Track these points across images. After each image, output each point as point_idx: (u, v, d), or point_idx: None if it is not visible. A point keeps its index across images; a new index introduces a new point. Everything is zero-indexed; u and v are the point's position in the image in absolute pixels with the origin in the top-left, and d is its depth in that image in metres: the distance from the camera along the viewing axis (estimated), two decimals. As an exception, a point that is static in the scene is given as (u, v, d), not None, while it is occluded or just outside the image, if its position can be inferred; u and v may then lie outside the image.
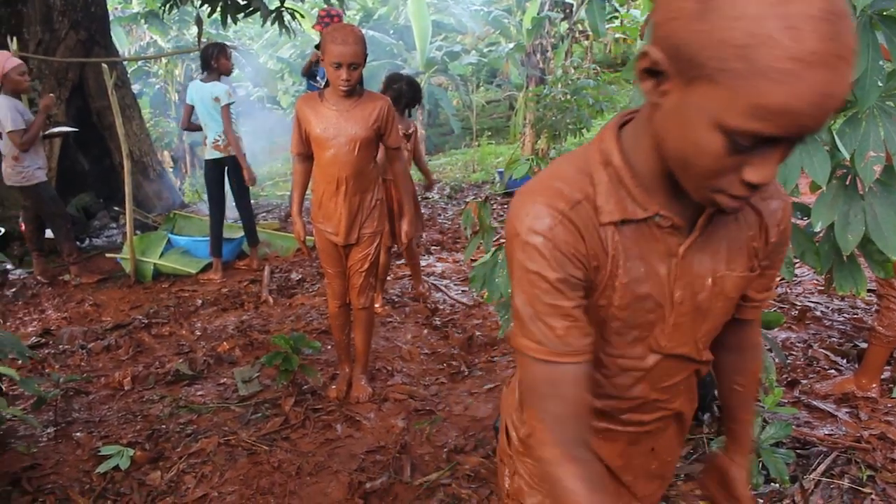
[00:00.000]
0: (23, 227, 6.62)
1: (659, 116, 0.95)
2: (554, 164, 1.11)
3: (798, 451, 2.92)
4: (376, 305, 5.08)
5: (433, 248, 6.79)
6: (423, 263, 6.10)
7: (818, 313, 4.35)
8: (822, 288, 4.72)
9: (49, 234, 6.53)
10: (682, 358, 1.18)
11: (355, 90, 3.31)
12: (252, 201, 6.77)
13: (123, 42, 16.43)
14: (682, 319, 1.14)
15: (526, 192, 1.06)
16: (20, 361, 4.29)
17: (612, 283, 1.08)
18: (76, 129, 6.81)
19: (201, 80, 6.06)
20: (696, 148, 0.90)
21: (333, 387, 3.88)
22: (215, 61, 5.99)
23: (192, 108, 6.10)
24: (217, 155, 6.07)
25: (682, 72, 0.86)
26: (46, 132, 6.27)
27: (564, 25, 13.76)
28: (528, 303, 1.04)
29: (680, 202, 1.06)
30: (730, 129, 0.84)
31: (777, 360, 2.82)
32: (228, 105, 5.99)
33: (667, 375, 1.20)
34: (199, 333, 4.99)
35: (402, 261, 6.17)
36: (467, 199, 9.22)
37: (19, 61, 5.80)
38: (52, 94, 5.97)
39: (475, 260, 4.41)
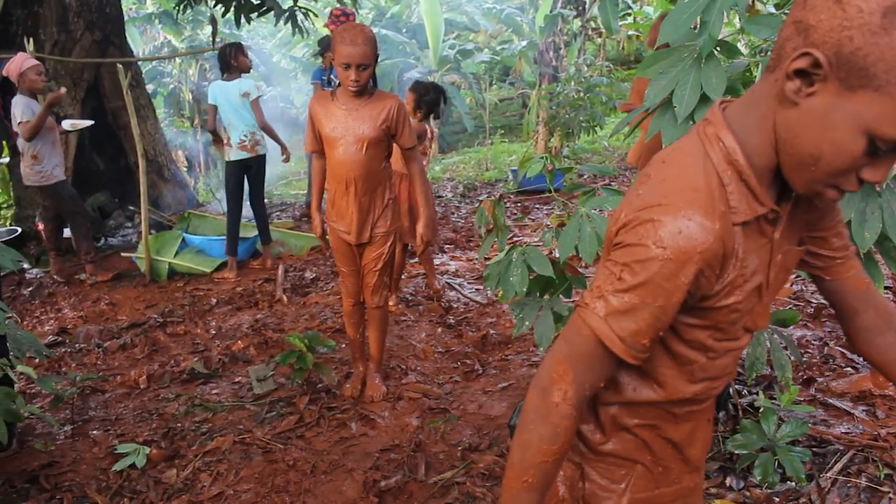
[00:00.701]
0: (40, 227, 6.68)
1: (792, 115, 0.99)
2: (677, 166, 1.10)
3: (814, 449, 2.90)
4: (390, 304, 5.08)
5: (447, 246, 6.79)
6: (436, 262, 6.10)
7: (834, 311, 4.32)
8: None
9: (67, 233, 6.58)
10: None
11: (366, 89, 3.30)
12: (265, 200, 6.80)
13: (138, 42, 16.51)
14: (769, 298, 1.21)
15: (670, 204, 1.04)
16: (38, 360, 4.33)
17: (739, 282, 1.11)
18: (93, 122, 6.85)
19: (224, 80, 6.07)
20: (836, 148, 0.96)
21: (348, 385, 3.89)
22: (234, 60, 6.02)
23: (216, 108, 6.10)
24: (244, 155, 6.08)
25: (844, 78, 0.92)
26: (68, 129, 6.31)
27: (577, 23, 13.72)
28: (635, 305, 1.06)
29: (774, 192, 1.11)
30: (881, 137, 0.92)
31: (793, 358, 2.80)
32: (258, 98, 6.03)
33: (744, 348, 1.26)
34: (213, 332, 5.02)
35: (416, 259, 6.18)
36: (480, 198, 9.21)
37: (37, 62, 5.86)
38: (63, 90, 5.96)
39: (489, 258, 4.41)
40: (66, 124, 6.30)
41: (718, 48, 2.13)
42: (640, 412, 1.25)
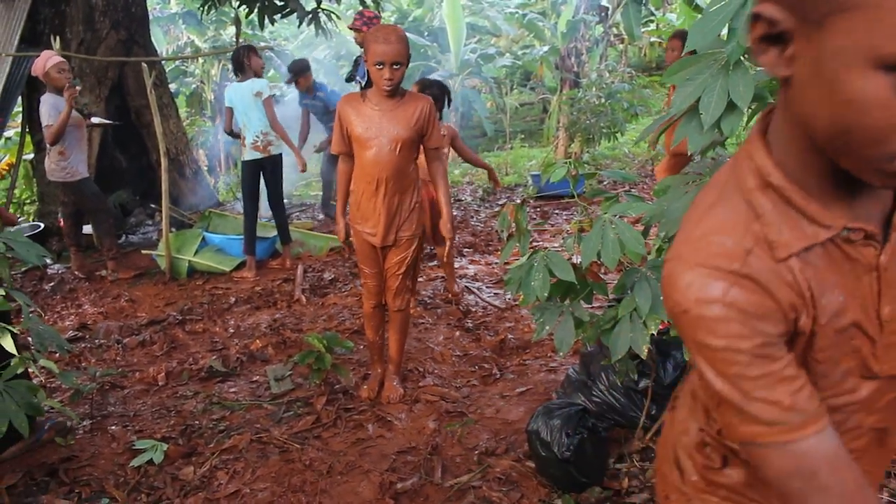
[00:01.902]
0: (61, 223, 6.73)
1: (796, 92, 0.80)
2: (698, 209, 0.92)
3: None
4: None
5: (465, 250, 6.79)
6: (455, 265, 6.10)
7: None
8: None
9: (87, 229, 6.63)
10: None
11: (398, 90, 3.30)
12: (285, 201, 6.83)
13: (161, 42, 16.64)
14: (895, 337, 0.95)
15: (678, 257, 0.89)
16: (58, 354, 4.37)
17: (814, 326, 0.89)
18: (118, 123, 6.92)
19: (238, 82, 6.12)
20: (855, 105, 0.73)
21: (365, 387, 3.89)
22: (247, 60, 6.07)
23: (233, 110, 6.16)
24: (257, 155, 6.12)
25: (807, 17, 0.74)
26: (95, 122, 6.38)
27: (600, 29, 13.70)
28: (733, 384, 0.86)
29: (863, 205, 0.88)
30: (886, 58, 0.70)
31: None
32: (271, 97, 6.08)
33: (880, 396, 0.98)
34: (232, 331, 5.04)
35: (434, 262, 6.18)
36: (500, 202, 9.20)
37: (60, 59, 5.90)
38: (78, 87, 5.99)
39: (508, 263, 4.40)
40: (95, 119, 6.37)
41: (746, 55, 2.12)
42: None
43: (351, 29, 6.66)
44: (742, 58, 2.08)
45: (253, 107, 6.03)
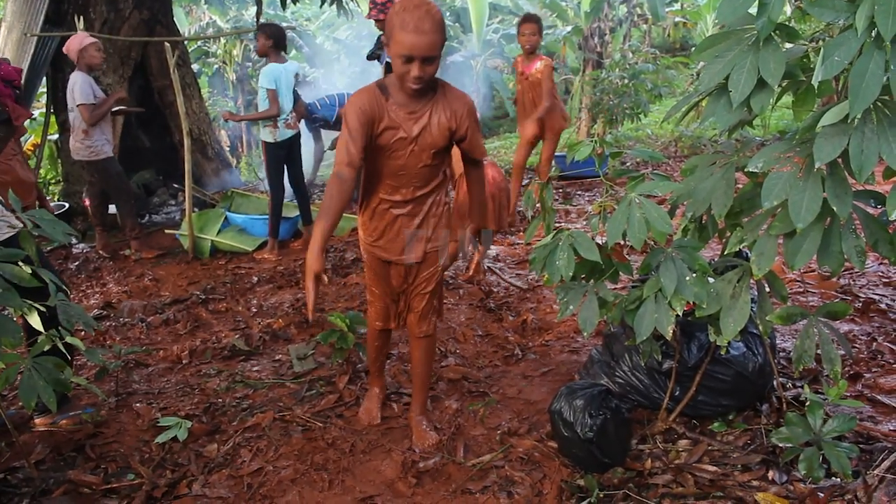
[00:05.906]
0: (86, 203, 6.80)
1: None
2: None
3: (861, 445, 2.84)
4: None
5: (487, 231, 6.77)
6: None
7: (883, 306, 4.23)
8: (888, 280, 4.58)
9: (112, 209, 6.70)
10: None
11: (429, 86, 2.61)
12: (306, 180, 6.84)
13: (183, 22, 16.70)
14: None
15: None
16: (84, 332, 4.42)
17: None
18: (142, 109, 6.98)
19: (278, 63, 6.11)
20: None
21: (363, 410, 3.45)
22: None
23: (276, 92, 6.20)
24: (289, 134, 6.14)
25: None
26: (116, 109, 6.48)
27: (623, 9, 13.56)
28: None
29: None
30: None
31: (843, 353, 2.75)
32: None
33: None
34: (254, 310, 5.06)
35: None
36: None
37: (95, 40, 6.01)
38: (124, 92, 6.29)
39: (531, 244, 4.38)
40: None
41: (777, 31, 2.08)
42: None
43: (371, 17, 6.33)
44: (773, 34, 2.04)
45: (291, 88, 6.09)
